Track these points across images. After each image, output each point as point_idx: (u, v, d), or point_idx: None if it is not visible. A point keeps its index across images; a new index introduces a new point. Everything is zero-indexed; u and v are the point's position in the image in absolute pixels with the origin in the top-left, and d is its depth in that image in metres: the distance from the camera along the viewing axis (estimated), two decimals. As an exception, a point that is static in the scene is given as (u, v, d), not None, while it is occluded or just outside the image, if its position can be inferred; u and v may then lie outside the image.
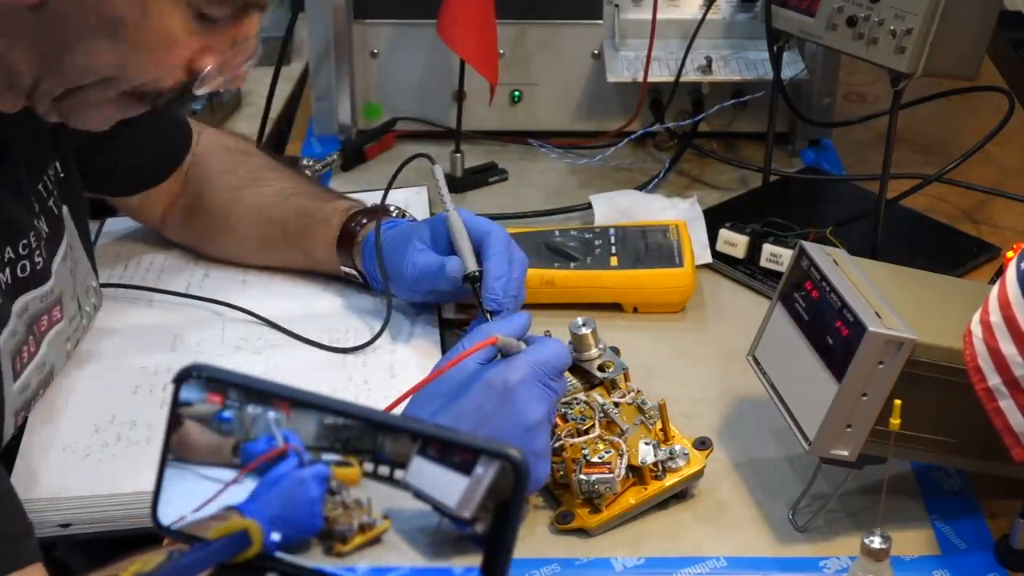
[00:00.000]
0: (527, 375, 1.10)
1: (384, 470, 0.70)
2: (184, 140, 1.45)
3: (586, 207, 1.62)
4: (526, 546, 1.14)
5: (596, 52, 1.76)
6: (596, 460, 1.14)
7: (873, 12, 1.34)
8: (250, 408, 0.72)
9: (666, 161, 1.74)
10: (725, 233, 1.52)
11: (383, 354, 1.32)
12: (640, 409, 1.19)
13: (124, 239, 1.51)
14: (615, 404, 1.19)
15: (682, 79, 1.68)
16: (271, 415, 0.71)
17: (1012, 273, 1.02)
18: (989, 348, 1.02)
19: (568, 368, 1.16)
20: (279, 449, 0.72)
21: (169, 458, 0.73)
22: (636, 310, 1.45)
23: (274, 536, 0.71)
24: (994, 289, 1.04)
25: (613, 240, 1.47)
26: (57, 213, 1.23)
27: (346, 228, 1.38)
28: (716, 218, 1.56)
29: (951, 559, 1.13)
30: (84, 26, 1.01)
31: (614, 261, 1.45)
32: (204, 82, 1.07)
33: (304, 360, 1.32)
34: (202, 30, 1.05)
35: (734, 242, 1.52)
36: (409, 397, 1.10)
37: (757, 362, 1.20)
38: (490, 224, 1.30)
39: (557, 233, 1.49)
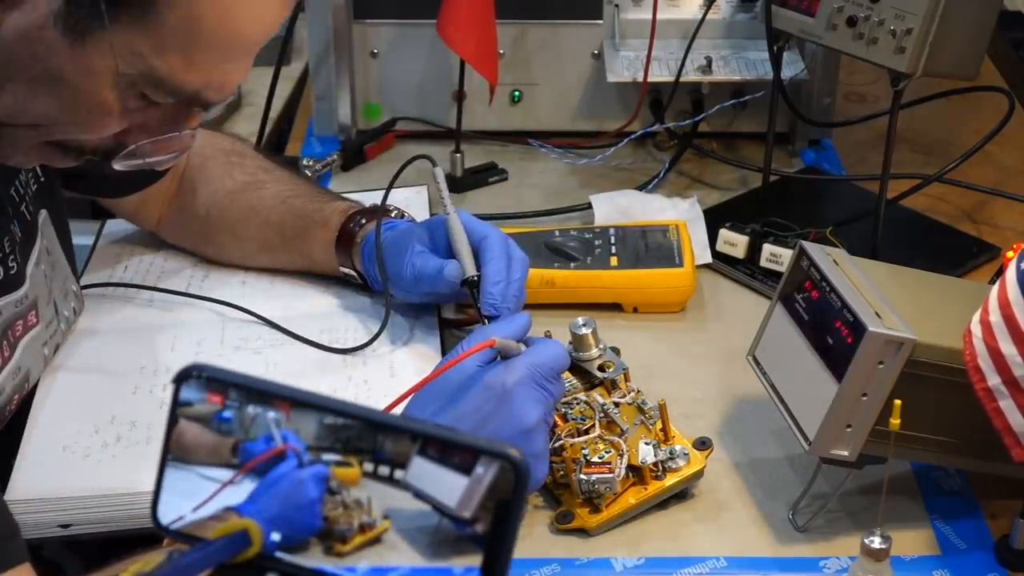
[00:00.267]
0: (524, 377, 1.10)
1: (384, 470, 0.70)
2: None
3: (586, 207, 1.62)
4: (526, 546, 1.14)
5: (596, 52, 1.75)
6: (596, 460, 1.14)
7: (873, 12, 1.34)
8: (250, 408, 0.72)
9: (666, 161, 1.74)
10: (725, 233, 1.52)
11: (383, 354, 1.32)
12: (640, 409, 1.19)
13: (124, 240, 1.51)
14: (615, 404, 1.19)
15: (682, 79, 1.68)
16: (271, 415, 0.71)
17: (1012, 273, 1.02)
18: (989, 348, 1.02)
19: (568, 369, 1.16)
20: (279, 449, 0.72)
21: (169, 458, 0.73)
22: (636, 310, 1.45)
23: (274, 536, 0.71)
24: (994, 289, 1.04)
25: (613, 240, 1.47)
26: (30, 218, 1.22)
27: (344, 229, 1.38)
28: (716, 218, 1.56)
29: (951, 559, 1.13)
30: (26, 71, 1.00)
31: (614, 261, 1.45)
32: (128, 156, 1.07)
33: (304, 360, 1.32)
34: (140, 108, 1.04)
35: (734, 242, 1.52)
36: (408, 398, 1.10)
37: (757, 362, 1.20)
38: (489, 228, 1.30)
39: (557, 233, 1.49)
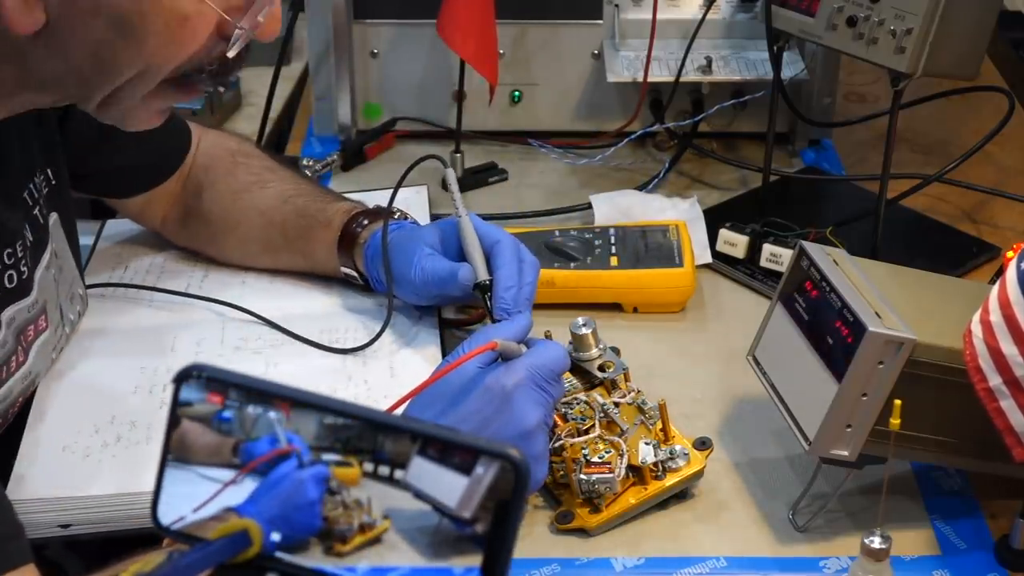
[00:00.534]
0: (524, 379, 1.10)
1: (384, 470, 0.70)
2: (184, 142, 1.44)
3: (586, 207, 1.62)
4: (526, 546, 1.14)
5: (596, 52, 1.75)
6: (596, 460, 1.14)
7: (873, 12, 1.34)
8: (250, 408, 0.72)
9: (666, 161, 1.74)
10: (725, 233, 1.52)
11: (383, 354, 1.32)
12: (640, 409, 1.19)
13: (125, 240, 1.51)
14: (615, 404, 1.19)
15: (682, 79, 1.68)
16: (271, 415, 0.71)
17: (1012, 273, 1.02)
18: (990, 348, 1.02)
19: (568, 369, 1.16)
20: (279, 450, 0.72)
21: (169, 458, 0.73)
22: (636, 310, 1.45)
23: (274, 536, 0.71)
24: (994, 289, 1.04)
25: (613, 240, 1.47)
26: (42, 222, 1.22)
27: (347, 229, 1.37)
28: (716, 218, 1.56)
29: (951, 559, 1.13)
30: (91, 35, 0.99)
31: (614, 261, 1.45)
32: (236, 42, 1.03)
33: (304, 360, 1.31)
34: None
35: (734, 242, 1.52)
36: (409, 399, 1.10)
37: (757, 362, 1.20)
38: (500, 232, 1.29)
39: (557, 233, 1.49)
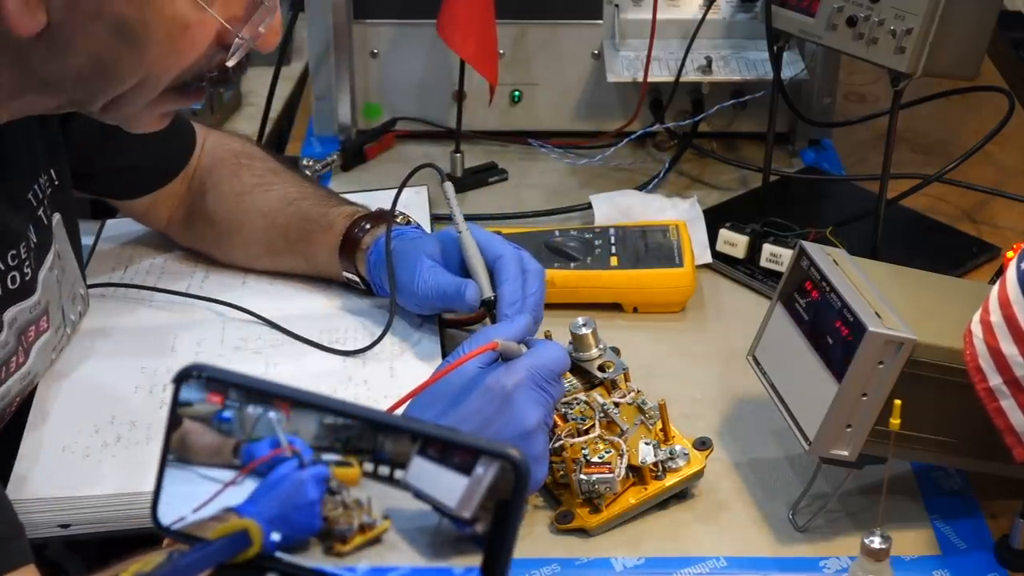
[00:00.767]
0: (524, 379, 1.10)
1: (384, 470, 0.70)
2: (188, 143, 1.44)
3: (586, 207, 1.61)
4: (526, 546, 1.14)
5: (596, 52, 1.75)
6: (596, 460, 1.14)
7: (873, 12, 1.34)
8: (250, 408, 0.72)
9: (666, 161, 1.74)
10: (725, 233, 1.52)
11: (383, 355, 1.32)
12: (640, 409, 1.19)
13: (125, 240, 1.51)
14: (615, 404, 1.19)
15: (682, 79, 1.68)
16: (271, 415, 0.71)
17: (1012, 273, 1.02)
18: (990, 348, 1.02)
19: (568, 369, 1.16)
20: (280, 450, 0.72)
21: (169, 458, 0.73)
22: (636, 310, 1.45)
23: (274, 536, 0.71)
24: (994, 289, 1.04)
25: (613, 240, 1.47)
26: (46, 223, 1.22)
27: (349, 234, 1.37)
28: (716, 218, 1.56)
29: (951, 559, 1.13)
30: (93, 39, 0.99)
31: (614, 261, 1.45)
32: (236, 52, 1.03)
33: (304, 360, 1.31)
34: (211, 1, 1.00)
35: (734, 242, 1.52)
36: (409, 400, 1.10)
37: (757, 362, 1.20)
38: (501, 245, 1.28)
39: (557, 233, 1.49)
